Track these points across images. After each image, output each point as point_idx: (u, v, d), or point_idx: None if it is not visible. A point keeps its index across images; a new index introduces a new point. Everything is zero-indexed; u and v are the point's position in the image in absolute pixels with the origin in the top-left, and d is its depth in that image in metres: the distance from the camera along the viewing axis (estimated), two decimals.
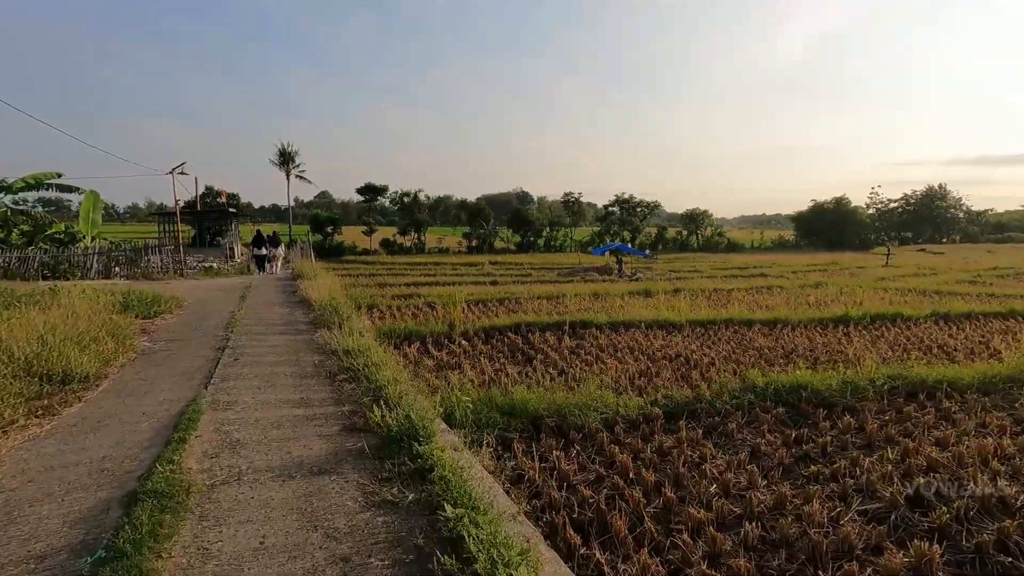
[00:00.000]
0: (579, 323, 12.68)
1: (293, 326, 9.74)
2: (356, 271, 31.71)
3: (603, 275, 31.00)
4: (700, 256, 52.14)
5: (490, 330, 12.33)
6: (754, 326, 12.78)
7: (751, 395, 7.15)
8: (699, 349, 10.85)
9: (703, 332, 12.26)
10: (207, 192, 56.77)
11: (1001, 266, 32.57)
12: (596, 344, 11.29)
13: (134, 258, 18.35)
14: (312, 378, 6.45)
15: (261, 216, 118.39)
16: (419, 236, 56.44)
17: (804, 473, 5.39)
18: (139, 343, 7.96)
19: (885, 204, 68.02)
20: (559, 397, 6.74)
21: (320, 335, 8.77)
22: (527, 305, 16.58)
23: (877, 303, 16.84)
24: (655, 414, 6.68)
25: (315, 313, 10.69)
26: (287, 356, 7.46)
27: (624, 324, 12.70)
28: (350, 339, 8.05)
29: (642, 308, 15.26)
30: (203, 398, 5.51)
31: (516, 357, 10.43)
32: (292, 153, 57.31)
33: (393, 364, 7.06)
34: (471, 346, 11.24)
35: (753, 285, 21.58)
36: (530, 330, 12.34)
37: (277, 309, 11.61)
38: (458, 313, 14.47)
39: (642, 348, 10.92)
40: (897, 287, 21.02)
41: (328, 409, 5.39)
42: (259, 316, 10.68)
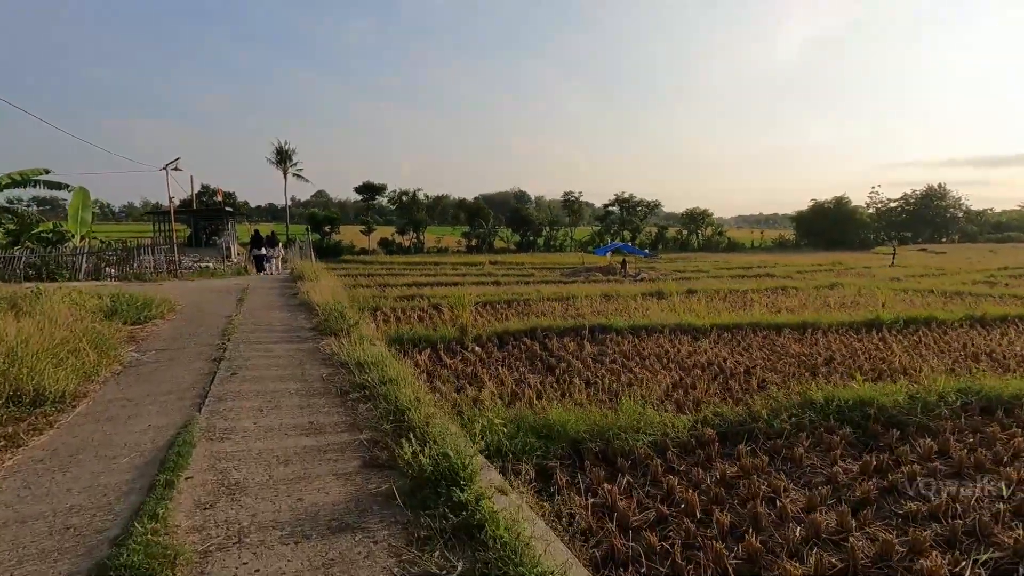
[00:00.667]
0: (598, 327, 11.88)
1: (295, 333, 8.91)
2: (355, 271, 30.89)
3: (607, 275, 30.30)
4: (701, 256, 51.47)
5: (504, 335, 11.52)
6: (783, 331, 12.02)
7: (811, 412, 6.36)
8: (731, 356, 10.08)
9: (730, 337, 11.49)
10: (203, 191, 55.71)
11: (1011, 266, 31.98)
12: (619, 351, 10.50)
13: (126, 258, 17.43)
14: (321, 396, 5.63)
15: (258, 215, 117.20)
16: (418, 235, 55.60)
17: (898, 511, 4.61)
18: (125, 354, 7.11)
19: (885, 204, 67.60)
20: (599, 416, 5.93)
21: (326, 344, 7.94)
22: (537, 307, 15.79)
23: (901, 305, 16.15)
24: (708, 436, 5.89)
25: (319, 318, 9.87)
26: (291, 369, 6.63)
27: (646, 329, 11.92)
28: (360, 349, 7.24)
29: (660, 311, 14.49)
30: (196, 424, 4.68)
31: (536, 365, 9.64)
32: (289, 152, 56.40)
33: (412, 379, 6.25)
34: (486, 353, 10.44)
35: (766, 286, 20.85)
36: (546, 335, 11.54)
37: (277, 313, 10.78)
38: (468, 316, 13.69)
39: (669, 355, 10.14)
40: (914, 288, 20.34)
41: (343, 437, 4.58)
42: (258, 321, 9.84)
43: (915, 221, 66.62)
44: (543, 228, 58.45)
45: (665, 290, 18.79)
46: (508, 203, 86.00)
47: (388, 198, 57.04)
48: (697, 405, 7.43)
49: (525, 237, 57.96)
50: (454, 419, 5.60)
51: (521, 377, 8.95)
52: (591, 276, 29.56)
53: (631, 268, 32.82)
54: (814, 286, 20.78)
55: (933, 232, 65.87)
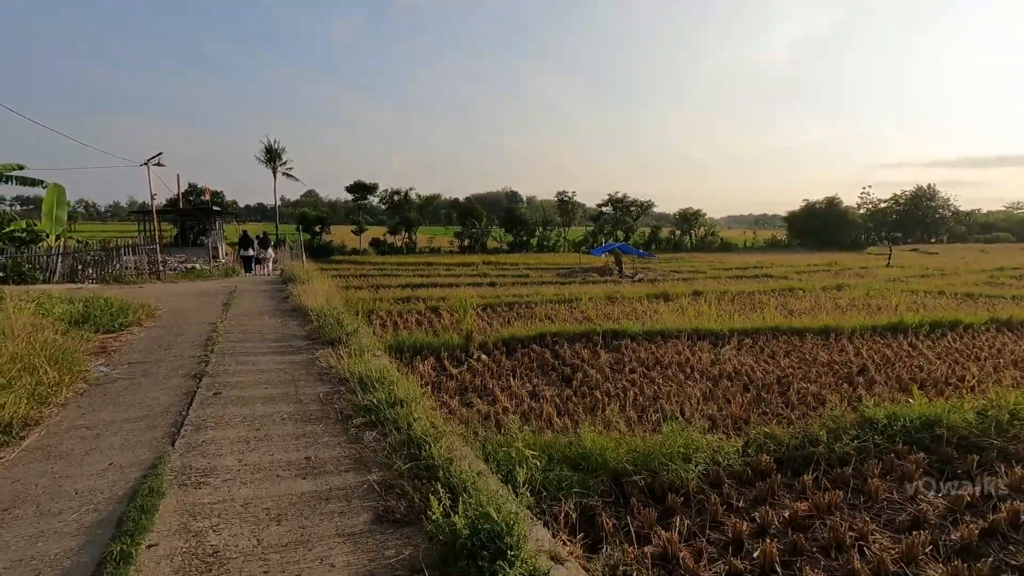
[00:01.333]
0: (610, 332, 11.10)
1: (287, 342, 8.02)
2: (346, 272, 29.92)
3: (603, 276, 29.62)
4: (695, 256, 50.88)
5: (511, 341, 10.70)
6: (805, 336, 11.31)
7: (873, 434, 5.60)
8: (757, 365, 9.33)
9: (752, 343, 10.75)
10: (190, 190, 54.29)
11: (1007, 267, 31.68)
12: (636, 358, 9.72)
13: (105, 259, 16.37)
14: (319, 422, 4.77)
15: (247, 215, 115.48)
16: (410, 235, 54.52)
17: (1011, 562, 3.85)
18: (93, 370, 6.20)
19: (875, 204, 67.53)
20: (640, 442, 5.12)
21: (322, 355, 7.07)
22: (540, 310, 14.99)
23: (915, 308, 15.54)
24: (765, 464, 5.10)
25: (312, 325, 8.98)
26: (283, 387, 5.76)
27: (661, 334, 11.15)
28: (361, 362, 6.39)
29: (670, 314, 13.74)
30: (167, 462, 3.82)
31: (549, 376, 8.83)
32: (279, 150, 55.02)
33: (422, 398, 5.41)
34: (493, 362, 9.61)
35: (771, 287, 20.20)
36: (556, 341, 10.74)
37: (267, 319, 9.87)
38: (471, 321, 12.87)
39: (691, 364, 9.37)
40: (918, 288, 19.76)
41: (348, 479, 3.73)
42: (246, 329, 8.93)
43: (905, 221, 66.60)
44: (536, 228, 57.59)
45: (670, 292, 18.08)
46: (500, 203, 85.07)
47: (380, 197, 55.84)
48: (737, 424, 6.67)
49: (518, 237, 57.07)
50: (473, 445, 4.78)
51: (535, 389, 8.14)
52: (588, 277, 28.85)
53: (628, 269, 32.15)
54: (820, 287, 20.16)
55: (922, 232, 65.89)
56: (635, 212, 59.45)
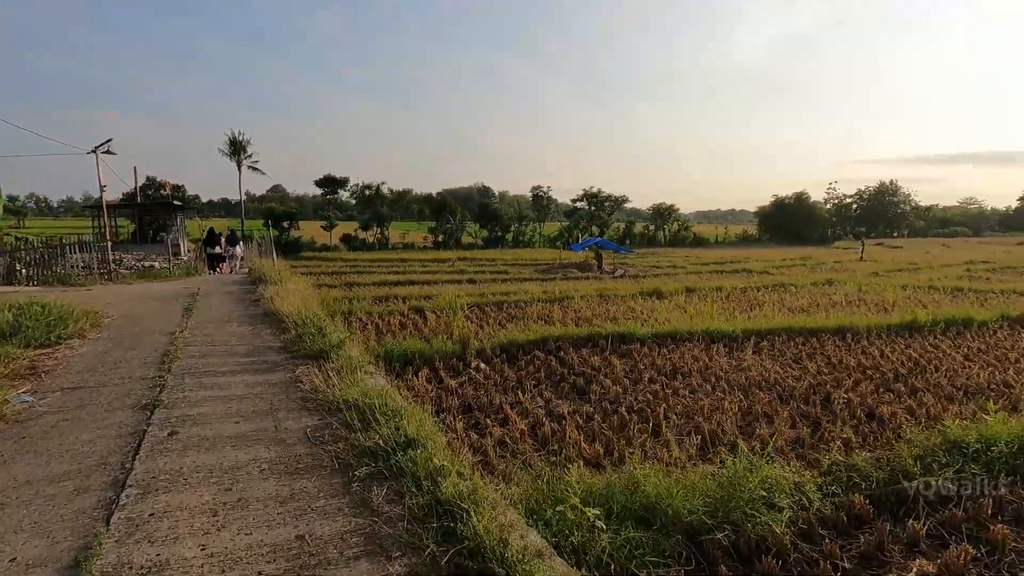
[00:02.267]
0: (617, 336, 10.13)
1: (261, 356, 6.77)
2: (317, 269, 28.39)
3: (583, 272, 28.85)
4: (670, 251, 50.62)
5: (511, 347, 9.64)
6: (821, 336, 10.57)
7: (967, 463, 4.73)
8: (784, 371, 8.49)
9: (769, 346, 9.93)
10: (148, 183, 51.46)
11: (976, 260, 32.10)
12: (652, 365, 8.78)
13: (48, 258, 14.59)
14: (310, 475, 3.62)
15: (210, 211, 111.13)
16: (382, 231, 52.82)
17: None
18: (13, 399, 4.88)
19: (841, 200, 68.64)
20: (711, 484, 4.12)
21: (304, 373, 5.88)
22: (531, 310, 13.96)
23: (912, 303, 15.07)
24: (860, 507, 4.18)
25: (289, 334, 7.73)
26: (259, 421, 4.56)
27: (671, 336, 10.25)
28: (353, 383, 5.23)
29: (674, 314, 12.88)
30: (96, 558, 2.64)
31: (561, 388, 7.79)
32: (244, 143, 52.73)
33: (435, 431, 4.31)
34: (495, 371, 8.53)
35: (763, 283, 19.59)
36: (560, 346, 9.73)
37: (236, 327, 8.55)
38: (462, 324, 11.77)
39: (712, 370, 8.48)
40: (907, 283, 19.43)
41: (362, 569, 2.62)
42: (211, 340, 7.62)
43: (868, 217, 67.89)
44: (512, 224, 56.53)
45: (663, 289, 17.28)
46: (472, 198, 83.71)
47: (350, 192, 53.98)
48: (795, 447, 5.74)
49: (493, 233, 55.93)
50: (505, 489, 3.72)
51: (548, 405, 7.10)
52: (568, 273, 27.98)
53: (607, 264, 31.41)
54: (811, 283, 19.67)
55: (885, 227, 67.25)
56: (609, 207, 58.95)
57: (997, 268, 26.78)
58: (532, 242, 56.78)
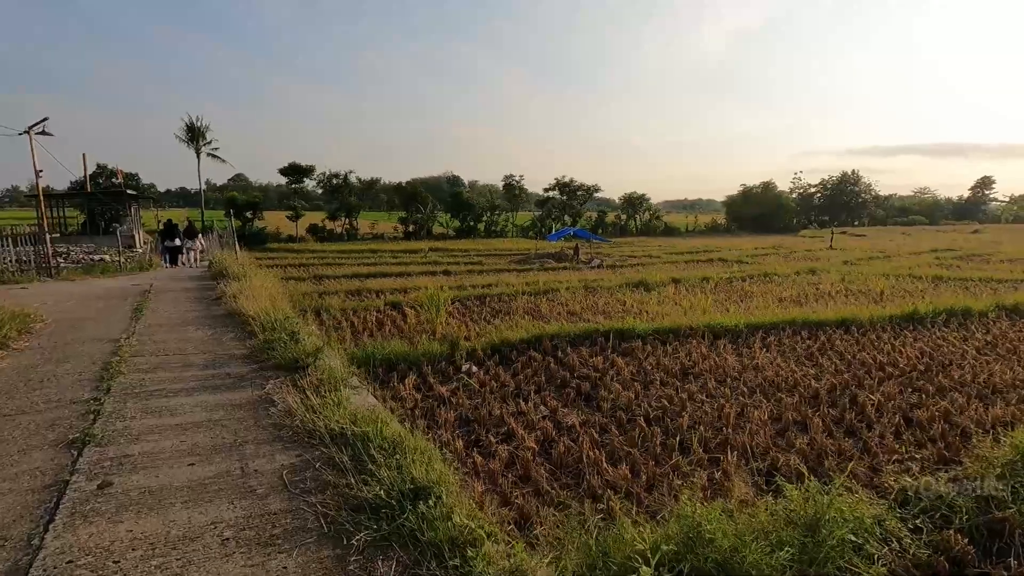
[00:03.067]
0: (615, 332, 9.39)
1: (223, 368, 5.74)
2: (283, 261, 26.95)
3: (560, 262, 28.20)
4: (643, 240, 50.31)
5: (503, 348, 8.80)
6: (824, 329, 10.05)
7: None
8: (799, 369, 7.88)
9: (776, 341, 9.34)
10: (99, 171, 48.29)
11: (940, 247, 32.66)
12: (658, 365, 8.06)
13: None
14: (290, 548, 2.70)
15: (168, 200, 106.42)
16: (351, 221, 50.98)
17: None
18: None
19: (806, 189, 69.72)
20: (781, 527, 3.36)
21: (276, 390, 4.91)
22: (518, 304, 13.14)
23: (899, 292, 14.84)
24: (958, 548, 3.49)
25: (257, 340, 6.69)
26: (220, 461, 3.59)
27: (673, 332, 9.57)
28: (337, 404, 4.31)
29: (668, 307, 12.23)
30: None
31: (565, 394, 6.99)
32: (202, 129, 49.99)
33: (446, 470, 3.44)
34: (489, 376, 7.68)
35: (745, 273, 19.21)
36: (556, 345, 8.94)
37: (193, 332, 7.43)
38: (445, 321, 10.88)
39: (723, 370, 7.81)
40: (889, 272, 19.32)
41: None
42: (163, 348, 6.52)
43: (830, 206, 69.17)
44: (484, 213, 55.37)
45: (649, 280, 16.67)
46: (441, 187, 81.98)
47: (317, 180, 51.82)
48: (841, 464, 5.06)
49: (465, 223, 54.67)
50: (545, 550, 2.89)
51: (555, 415, 6.30)
52: (545, 263, 27.26)
53: (583, 255, 30.78)
54: (794, 272, 19.36)
55: (846, 216, 68.63)
56: (582, 197, 58.33)
57: (962, 256, 27.18)
58: (505, 232, 55.80)
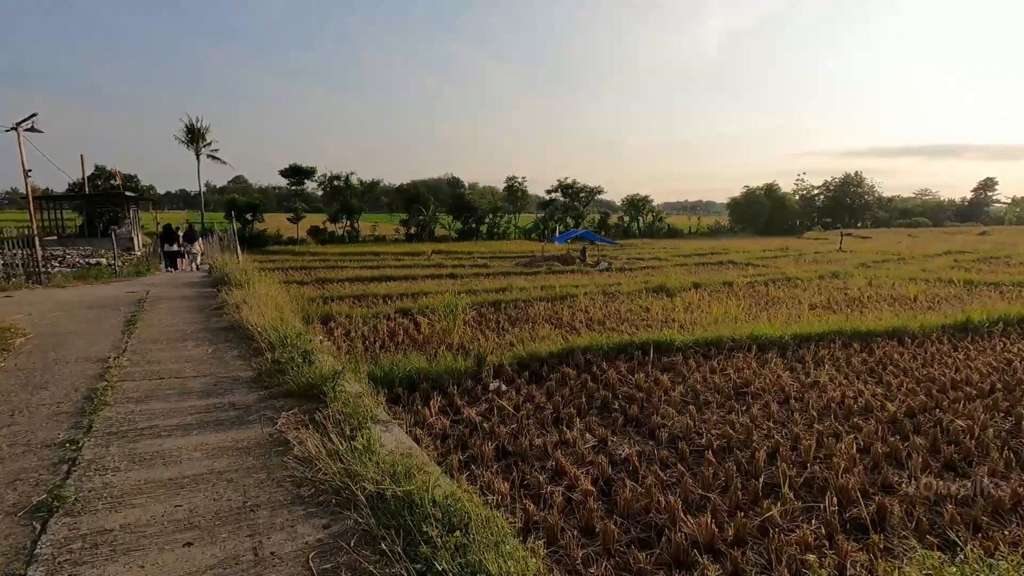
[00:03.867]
0: (652, 344, 8.56)
1: (226, 395, 4.89)
2: (285, 264, 26.09)
3: (566, 265, 27.40)
4: (647, 242, 49.55)
5: (532, 363, 7.96)
6: (877, 341, 9.24)
7: None
8: (867, 389, 7.06)
9: (829, 355, 8.51)
10: (97, 173, 47.38)
11: (953, 250, 31.91)
12: (707, 383, 7.23)
13: None
14: None
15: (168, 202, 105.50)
16: (352, 223, 50.07)
17: None
18: None
19: (809, 191, 68.95)
20: None
21: (290, 425, 4.07)
22: (535, 311, 12.32)
23: (936, 298, 14.06)
24: None
25: (264, 357, 5.85)
26: (226, 539, 2.75)
27: (714, 344, 8.75)
28: (369, 449, 3.47)
29: (699, 315, 11.41)
30: None
31: (612, 419, 6.15)
32: (202, 130, 49.07)
33: (524, 552, 2.62)
34: (521, 395, 6.85)
35: (765, 277, 18.40)
36: (590, 360, 8.11)
37: (191, 348, 6.58)
38: (460, 330, 10.07)
39: (780, 389, 7.00)
40: (913, 276, 18.53)
41: None
42: (156, 369, 5.68)
43: (834, 207, 68.42)
44: (486, 215, 54.51)
45: (669, 284, 15.85)
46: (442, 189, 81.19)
47: (318, 182, 50.93)
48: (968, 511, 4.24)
49: (467, 224, 53.82)
50: None
51: (607, 447, 5.47)
52: (552, 266, 26.44)
53: (589, 257, 29.96)
54: (817, 275, 18.56)
55: (849, 218, 67.89)
56: (584, 198, 57.54)
57: (979, 258, 26.41)
58: (507, 234, 54.96)
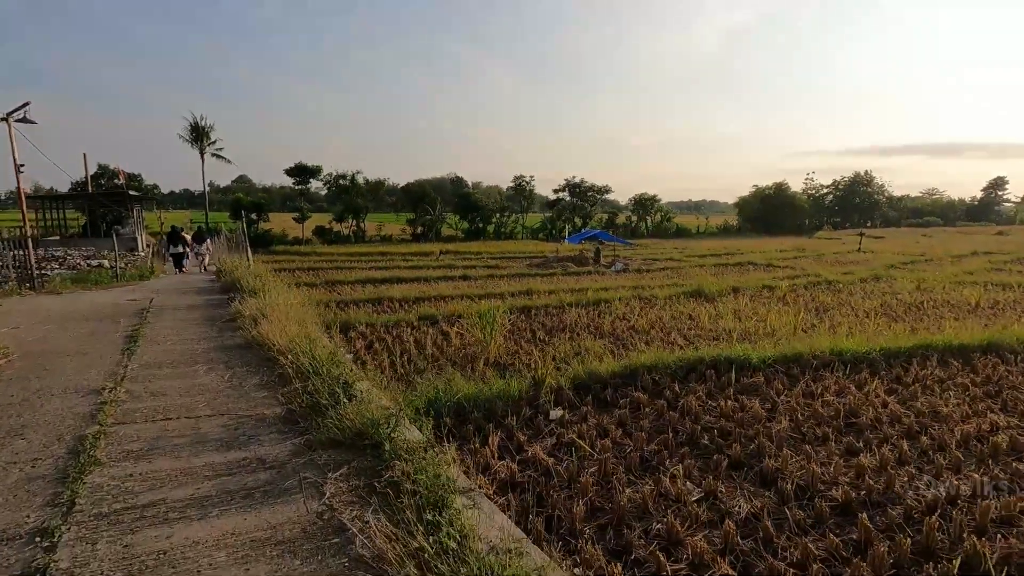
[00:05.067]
0: (725, 361, 7.44)
1: (251, 447, 3.76)
2: (291, 264, 24.97)
3: (580, 266, 26.28)
4: (656, 242, 48.30)
5: (593, 384, 6.84)
6: (974, 357, 8.11)
7: None
8: (1002, 419, 5.93)
9: (930, 375, 7.38)
10: (101, 172, 46.27)
11: (980, 250, 30.73)
12: (806, 410, 6.11)
13: None
14: None
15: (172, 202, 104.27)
16: (358, 223, 48.89)
17: None
18: None
19: (818, 190, 67.66)
20: None
21: (343, 500, 2.95)
22: (569, 318, 11.22)
23: (992, 303, 12.93)
24: None
25: (293, 388, 4.71)
26: None
27: (794, 361, 7.62)
28: (461, 543, 2.35)
29: (755, 326, 10.30)
30: None
31: (710, 460, 5.02)
32: (206, 129, 47.96)
33: None
34: (589, 427, 5.72)
35: (804, 279, 17.24)
36: (658, 380, 6.98)
37: (203, 375, 5.44)
38: (498, 343, 8.97)
39: (897, 419, 5.87)
40: (959, 279, 17.36)
41: None
42: (161, 406, 4.54)
43: (843, 207, 67.14)
44: (493, 215, 53.33)
45: (707, 289, 14.71)
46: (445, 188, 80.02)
47: (323, 181, 49.75)
48: None
49: (474, 224, 52.66)
50: None
51: (714, 498, 4.35)
52: (567, 267, 25.30)
53: (604, 258, 28.79)
54: (857, 279, 17.39)
55: (859, 217, 66.61)
56: (592, 198, 56.36)
57: (1014, 259, 25.24)
58: (514, 234, 53.81)
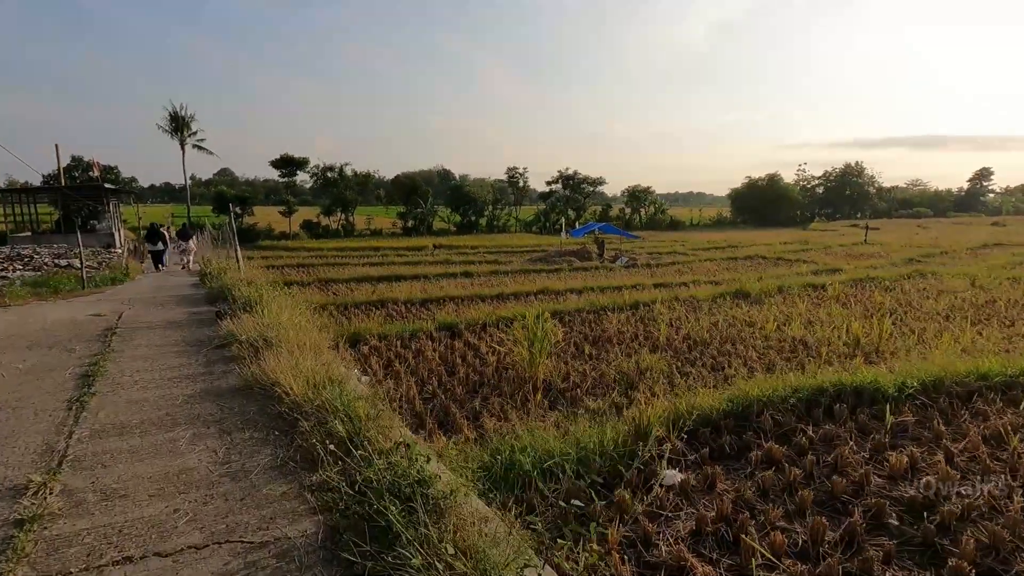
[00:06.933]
0: (849, 389, 5.85)
1: None
2: (280, 261, 23.02)
3: (583, 260, 24.74)
4: (652, 234, 46.81)
5: (702, 429, 5.20)
6: None
7: None
8: None
9: None
10: (74, 164, 43.41)
11: (989, 242, 29.82)
12: (996, 462, 4.53)
13: None
14: None
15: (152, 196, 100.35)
16: (347, 217, 46.64)
17: None
18: None
19: (810, 181, 66.81)
20: None
21: None
22: (614, 326, 9.63)
23: None
24: None
25: (328, 474, 2.98)
26: None
27: (935, 387, 6.05)
28: None
29: (832, 334, 8.74)
30: None
31: (917, 558, 3.40)
32: (187, 119, 45.27)
33: None
34: (721, 500, 4.07)
35: (844, 275, 15.78)
36: (779, 420, 5.37)
37: (184, 451, 3.63)
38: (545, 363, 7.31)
39: None
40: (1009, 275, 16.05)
41: None
42: (117, 524, 2.76)
43: (834, 198, 66.45)
44: (486, 208, 51.41)
45: (749, 289, 13.15)
46: (433, 181, 77.80)
47: (310, 173, 47.31)
48: None
49: (466, 217, 50.71)
50: None
51: None
52: (572, 262, 23.71)
53: (608, 252, 27.21)
54: (902, 276, 15.95)
55: (849, 209, 65.99)
56: (586, 189, 54.72)
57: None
58: (508, 227, 52.01)
